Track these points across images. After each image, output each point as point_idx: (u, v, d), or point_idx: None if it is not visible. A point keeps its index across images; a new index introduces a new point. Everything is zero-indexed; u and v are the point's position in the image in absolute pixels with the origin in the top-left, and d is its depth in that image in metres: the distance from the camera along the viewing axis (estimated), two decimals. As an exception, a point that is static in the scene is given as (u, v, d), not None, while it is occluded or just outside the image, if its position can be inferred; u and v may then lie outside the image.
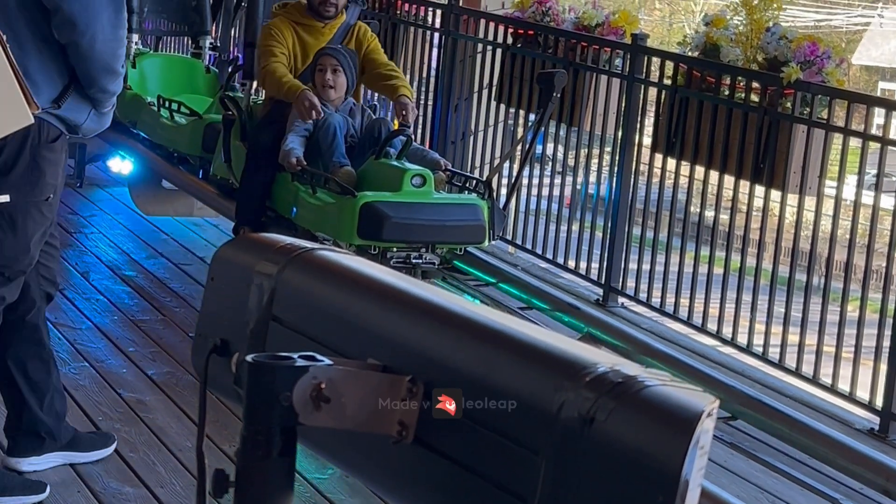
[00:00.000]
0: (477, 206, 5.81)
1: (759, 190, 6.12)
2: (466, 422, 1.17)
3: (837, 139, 5.79)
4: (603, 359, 1.10)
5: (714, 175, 6.32)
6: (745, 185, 6.13)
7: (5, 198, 3.03)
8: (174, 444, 4.65)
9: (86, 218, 7.59)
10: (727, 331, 6.21)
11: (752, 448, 4.91)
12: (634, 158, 6.81)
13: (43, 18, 3.91)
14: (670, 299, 6.57)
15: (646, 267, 6.88)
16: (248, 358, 1.20)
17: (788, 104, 5.90)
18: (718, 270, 6.34)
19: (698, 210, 6.61)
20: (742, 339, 6.10)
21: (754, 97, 6.06)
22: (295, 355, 1.20)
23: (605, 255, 6.92)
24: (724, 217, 6.53)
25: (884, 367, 5.40)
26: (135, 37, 7.68)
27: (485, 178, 6.18)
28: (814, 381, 5.73)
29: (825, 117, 5.81)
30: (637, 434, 1.02)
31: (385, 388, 1.21)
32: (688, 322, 6.42)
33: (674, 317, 6.52)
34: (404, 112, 6.05)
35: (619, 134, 6.88)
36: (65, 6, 3.86)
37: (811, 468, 4.80)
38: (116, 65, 3.99)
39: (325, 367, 1.20)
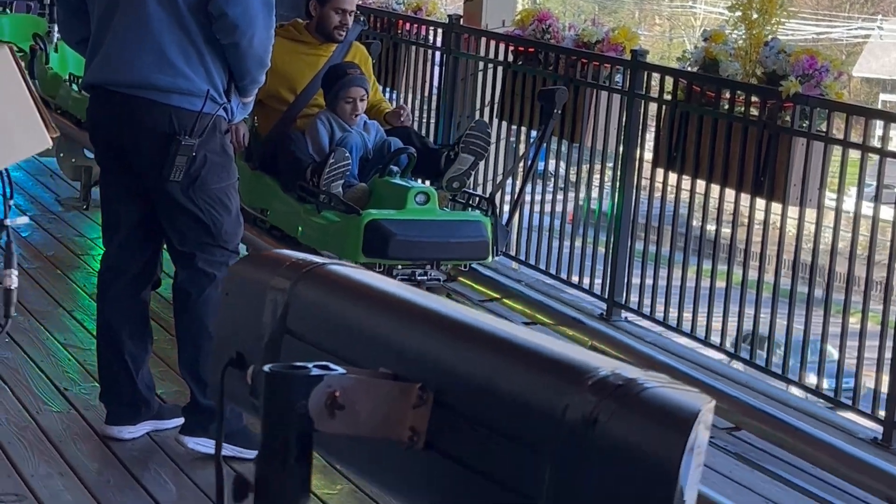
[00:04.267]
0: (480, 222, 5.86)
1: (760, 203, 6.17)
2: (475, 426, 1.22)
3: (837, 151, 5.84)
4: (604, 363, 1.15)
5: (715, 189, 6.37)
6: (745, 199, 6.18)
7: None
8: (183, 459, 4.70)
9: (92, 240, 7.64)
10: (730, 343, 6.26)
11: (756, 458, 4.96)
12: (636, 173, 6.86)
13: (209, 23, 4.48)
14: (673, 313, 6.61)
15: (649, 282, 6.92)
16: (265, 368, 1.26)
17: (788, 117, 5.96)
18: (721, 284, 6.38)
19: (700, 224, 6.65)
20: (744, 352, 6.15)
21: (754, 111, 6.12)
22: (310, 365, 1.26)
23: (608, 269, 6.97)
24: (726, 231, 6.57)
25: (886, 378, 5.44)
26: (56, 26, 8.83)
27: (487, 195, 6.24)
28: (817, 391, 5.77)
29: (824, 130, 5.87)
30: (638, 433, 1.08)
31: (396, 395, 1.26)
32: (691, 335, 6.46)
33: (677, 330, 6.56)
34: (401, 115, 6.24)
35: (620, 149, 6.93)
36: (228, 12, 4.42)
37: (815, 477, 4.85)
38: (267, 59, 4.62)
39: (339, 376, 1.25)
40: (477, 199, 6.15)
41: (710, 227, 6.62)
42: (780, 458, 5.03)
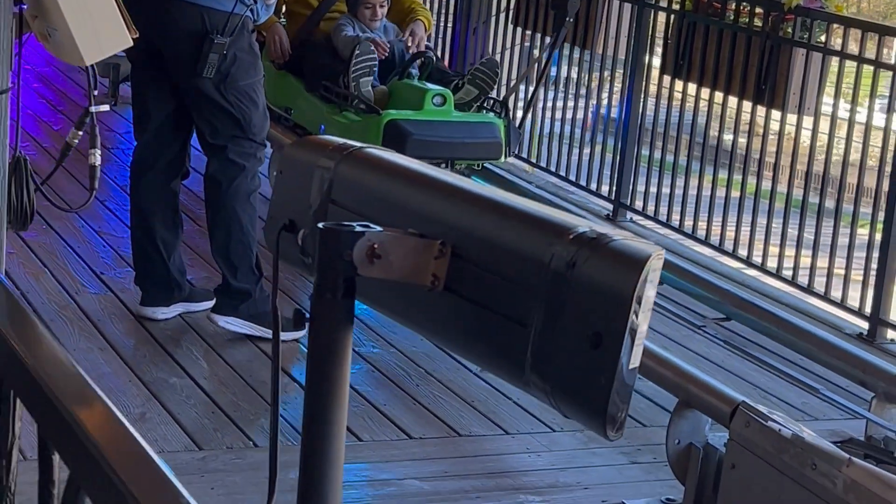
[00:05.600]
0: (494, 124, 6.18)
1: (762, 111, 6.47)
2: (483, 272, 1.56)
3: (849, 65, 6.13)
4: (582, 223, 1.49)
5: (719, 96, 6.67)
6: (747, 106, 6.49)
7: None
8: (213, 339, 5.07)
9: (122, 134, 7.97)
10: (728, 244, 6.59)
11: (744, 345, 5.31)
12: (644, 81, 7.16)
13: None
14: (676, 216, 6.93)
15: (653, 190, 7.23)
16: (319, 225, 1.60)
17: (789, 29, 6.25)
18: (722, 188, 6.70)
19: (703, 130, 6.95)
20: (742, 252, 6.49)
21: (757, 22, 6.40)
22: (354, 223, 1.60)
23: (616, 173, 7.29)
24: (728, 137, 6.88)
25: (874, 267, 5.76)
26: None
27: (501, 98, 6.55)
28: (808, 289, 6.11)
29: (823, 41, 6.16)
30: (604, 272, 1.42)
31: (422, 248, 1.60)
32: (692, 235, 6.80)
33: (679, 230, 6.89)
34: (411, 35, 6.45)
35: (630, 57, 7.22)
36: None
37: (800, 367, 5.21)
38: None
39: (377, 232, 1.59)
40: (491, 101, 6.45)
41: (714, 134, 6.93)
42: (768, 349, 5.38)
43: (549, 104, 7.95)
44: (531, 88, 7.33)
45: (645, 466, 4.44)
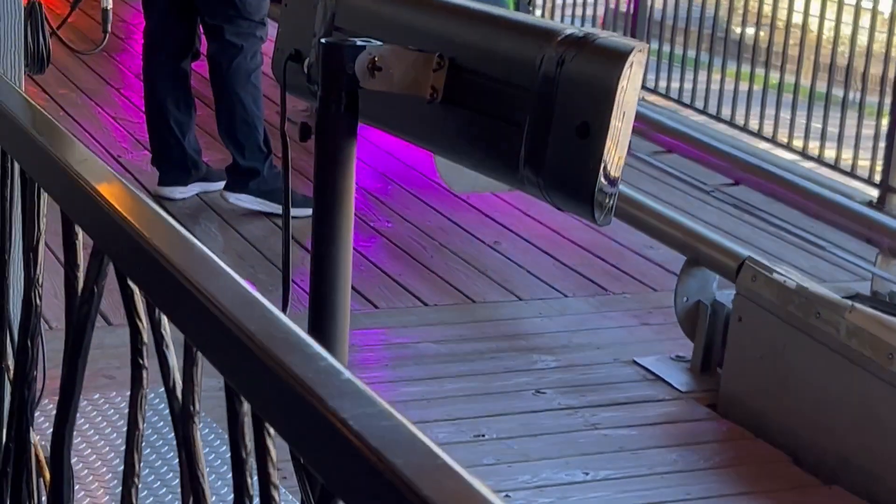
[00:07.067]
0: None
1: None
2: (478, 79, 1.64)
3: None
4: (569, 27, 1.57)
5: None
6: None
7: None
8: (228, 216, 5.17)
9: (134, 25, 8.01)
10: (740, 118, 6.62)
11: (752, 212, 5.39)
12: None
13: None
14: (688, 96, 6.95)
15: (663, 84, 7.25)
16: (322, 40, 1.67)
17: None
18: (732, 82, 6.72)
19: (713, 17, 6.95)
20: (754, 125, 6.52)
21: None
22: (356, 39, 1.67)
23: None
24: (737, 30, 6.87)
25: (882, 145, 5.80)
26: None
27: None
28: (819, 160, 6.15)
29: None
30: (591, 67, 1.49)
31: (421, 62, 1.67)
32: (703, 111, 6.82)
33: (691, 107, 6.92)
34: None
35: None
36: None
37: (807, 231, 5.29)
38: None
39: (377, 46, 1.66)
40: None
41: (722, 25, 6.94)
42: (777, 216, 5.46)
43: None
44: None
45: (655, 328, 4.53)
